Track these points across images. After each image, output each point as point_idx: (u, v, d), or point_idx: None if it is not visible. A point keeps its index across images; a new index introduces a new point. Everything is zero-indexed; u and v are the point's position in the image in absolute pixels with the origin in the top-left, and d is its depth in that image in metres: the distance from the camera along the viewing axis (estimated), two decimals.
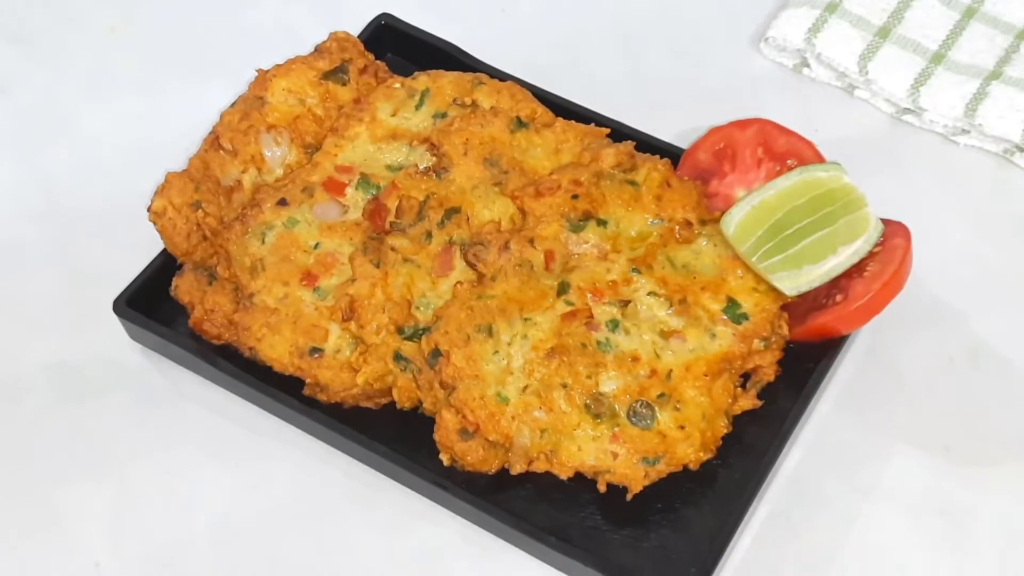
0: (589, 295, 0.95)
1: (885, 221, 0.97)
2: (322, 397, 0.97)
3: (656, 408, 0.92)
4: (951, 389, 1.01)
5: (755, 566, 0.94)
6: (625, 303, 0.95)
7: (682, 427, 0.92)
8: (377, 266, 0.97)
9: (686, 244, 0.98)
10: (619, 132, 1.06)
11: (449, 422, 0.92)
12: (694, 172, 1.03)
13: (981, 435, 0.99)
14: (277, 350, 0.97)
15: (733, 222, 0.97)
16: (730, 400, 0.94)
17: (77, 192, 1.14)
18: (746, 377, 0.97)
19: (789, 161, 1.01)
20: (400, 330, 0.95)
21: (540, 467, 0.92)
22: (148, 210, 1.01)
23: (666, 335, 0.94)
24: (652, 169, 1.00)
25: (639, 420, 0.92)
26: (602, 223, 0.98)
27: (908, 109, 1.15)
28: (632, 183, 1.00)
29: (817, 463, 0.98)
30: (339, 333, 0.96)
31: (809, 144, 1.02)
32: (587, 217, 0.98)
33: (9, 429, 1.02)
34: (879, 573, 0.94)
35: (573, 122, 1.05)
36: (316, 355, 0.96)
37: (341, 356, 0.96)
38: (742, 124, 1.03)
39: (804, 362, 0.97)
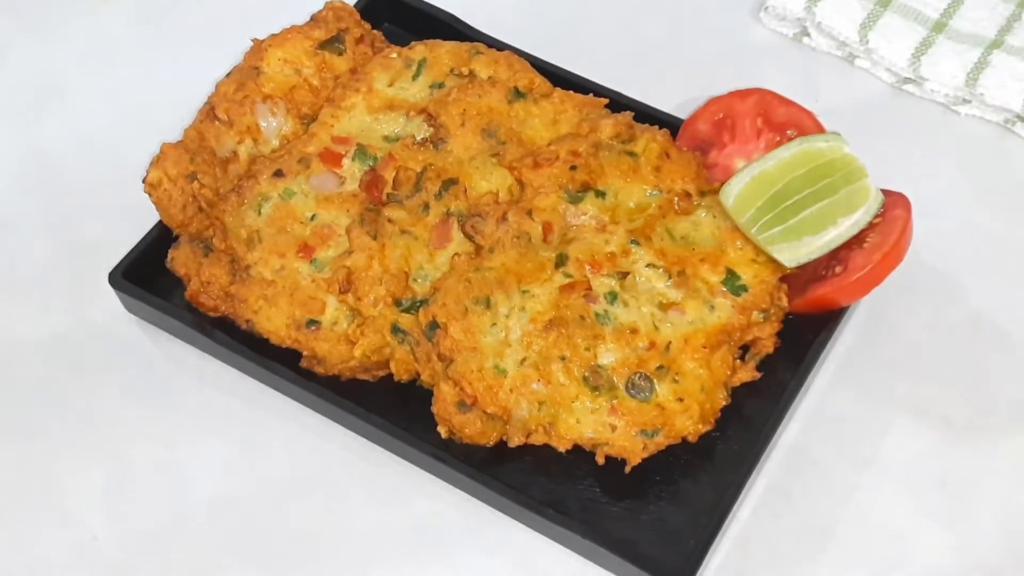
0: (587, 267, 0.95)
1: (885, 192, 0.97)
2: (319, 370, 0.97)
3: (655, 380, 0.92)
4: (951, 360, 1.01)
5: (753, 538, 0.94)
6: (624, 275, 0.95)
7: (681, 399, 0.91)
8: (374, 238, 0.96)
9: (685, 215, 0.98)
10: (618, 102, 1.05)
11: (447, 394, 0.92)
12: (693, 143, 1.03)
13: (981, 406, 0.99)
14: (274, 322, 0.96)
15: (732, 193, 0.97)
16: (729, 372, 0.93)
17: (71, 164, 1.14)
18: (745, 349, 0.96)
19: (789, 131, 1.01)
20: (397, 302, 0.95)
21: (538, 439, 0.92)
22: (143, 181, 1.00)
23: (665, 307, 0.94)
24: (651, 140, 1.00)
25: (637, 392, 0.91)
26: (600, 194, 0.98)
27: (909, 79, 1.14)
28: (631, 154, 0.99)
29: (816, 435, 0.98)
30: (336, 305, 0.96)
31: (809, 114, 1.01)
32: (585, 188, 0.98)
33: (6, 402, 1.02)
34: (878, 545, 0.94)
35: (571, 92, 1.04)
36: (313, 327, 0.96)
37: (338, 328, 0.96)
38: (742, 94, 1.03)
39: (803, 334, 0.97)
